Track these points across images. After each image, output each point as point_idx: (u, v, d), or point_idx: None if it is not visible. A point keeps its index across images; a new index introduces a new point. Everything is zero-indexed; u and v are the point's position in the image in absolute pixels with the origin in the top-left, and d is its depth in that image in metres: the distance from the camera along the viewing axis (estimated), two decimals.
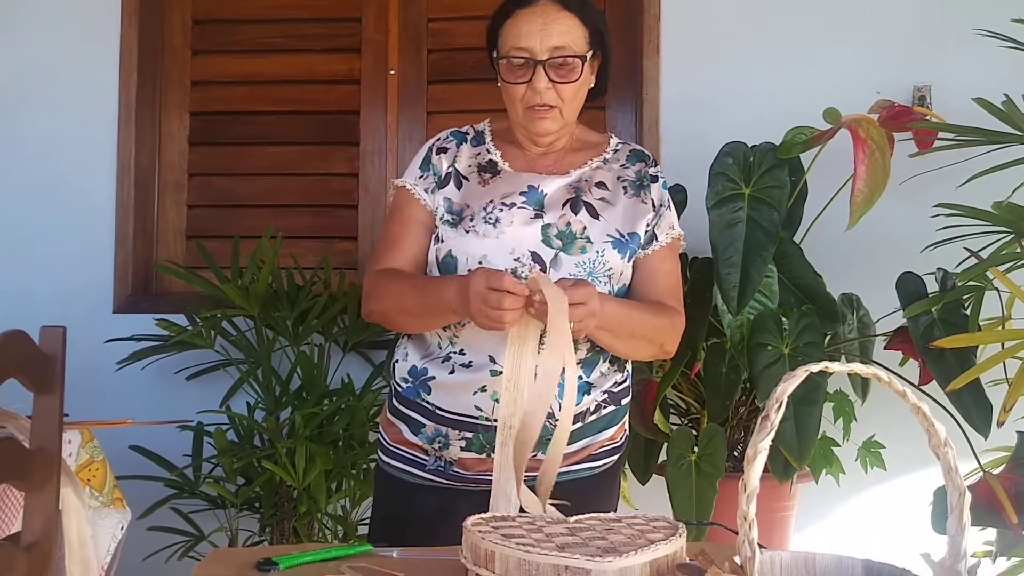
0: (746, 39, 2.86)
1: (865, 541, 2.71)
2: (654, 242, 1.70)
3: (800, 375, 0.90)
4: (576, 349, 1.52)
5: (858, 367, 0.94)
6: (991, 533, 2.21)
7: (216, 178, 3.15)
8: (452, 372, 1.64)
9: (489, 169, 1.72)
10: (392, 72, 3.07)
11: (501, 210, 1.64)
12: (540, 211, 1.65)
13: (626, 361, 1.75)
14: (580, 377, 1.63)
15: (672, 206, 1.75)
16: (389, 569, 1.27)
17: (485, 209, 1.65)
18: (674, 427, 2.35)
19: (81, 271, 3.03)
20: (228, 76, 3.15)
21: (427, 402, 1.67)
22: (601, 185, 1.70)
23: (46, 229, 3.05)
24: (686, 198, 2.50)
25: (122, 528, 2.00)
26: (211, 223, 3.13)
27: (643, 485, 2.51)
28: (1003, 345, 2.09)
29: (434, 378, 1.66)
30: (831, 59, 2.82)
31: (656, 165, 1.77)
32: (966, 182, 2.20)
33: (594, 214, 1.66)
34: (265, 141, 3.13)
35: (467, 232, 1.64)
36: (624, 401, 1.75)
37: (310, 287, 2.74)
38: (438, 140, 1.78)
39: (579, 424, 1.65)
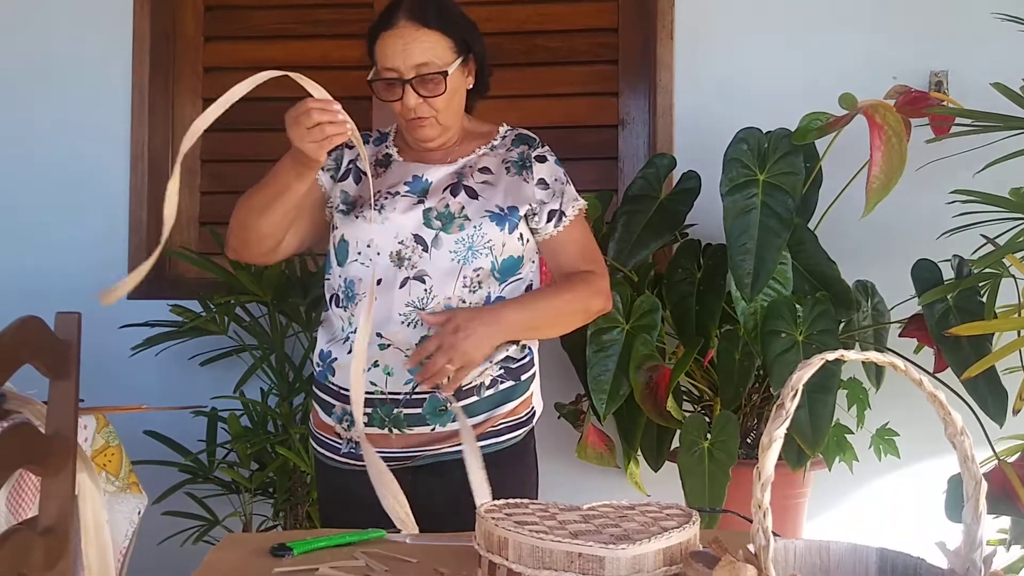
0: (760, 24, 2.84)
1: (879, 529, 2.71)
2: (563, 218, 1.80)
3: (816, 363, 0.89)
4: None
5: (874, 355, 0.93)
6: (1006, 521, 2.21)
7: (229, 164, 3.15)
8: (349, 352, 1.73)
9: (384, 163, 1.85)
10: None
11: (387, 198, 1.76)
12: (423, 197, 1.76)
13: None
14: None
15: (570, 181, 1.84)
16: (402, 554, 1.27)
17: (375, 199, 1.77)
18: (687, 414, 2.35)
19: (95, 257, 3.04)
20: (241, 62, 3.14)
21: (332, 383, 1.78)
22: (485, 170, 1.80)
23: (60, 216, 3.06)
24: (700, 184, 2.49)
25: (139, 513, 2.02)
26: (224, 209, 3.09)
27: (656, 472, 2.51)
28: (1019, 333, 2.08)
29: (336, 359, 1.77)
30: (847, 44, 2.79)
31: (543, 147, 1.85)
32: (983, 168, 2.18)
33: (473, 195, 1.76)
34: (278, 128, 3.10)
35: (356, 219, 1.77)
36: (524, 377, 1.80)
37: (322, 273, 2.74)
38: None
39: (474, 398, 1.73)
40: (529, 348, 1.82)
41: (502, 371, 1.77)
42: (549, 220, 1.79)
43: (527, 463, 1.84)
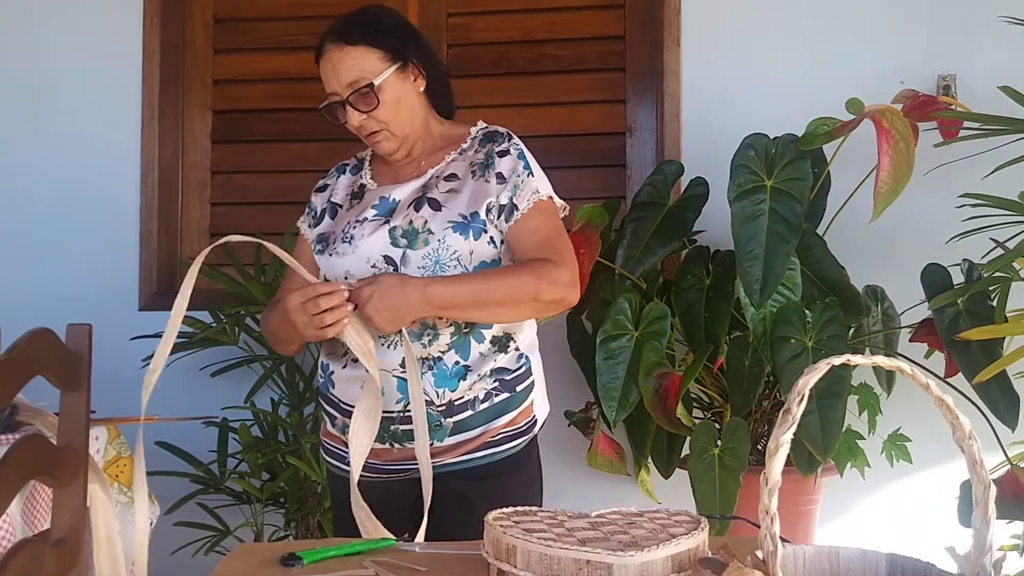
0: (767, 30, 2.85)
1: (890, 535, 2.69)
2: (515, 212, 1.74)
3: (822, 368, 0.89)
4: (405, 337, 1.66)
5: (881, 360, 0.93)
6: (1018, 527, 2.19)
7: (239, 176, 3.17)
8: (345, 367, 1.76)
9: (358, 194, 1.86)
10: None
11: (355, 227, 1.76)
12: (389, 217, 1.75)
13: (510, 343, 1.77)
14: (457, 362, 1.71)
15: (535, 172, 1.77)
16: (411, 563, 1.27)
17: (343, 231, 1.78)
18: (697, 421, 2.35)
19: (106, 269, 3.06)
20: (249, 74, 3.16)
21: (333, 395, 1.79)
22: (451, 177, 1.77)
23: (72, 228, 3.08)
24: (708, 191, 2.49)
25: (151, 523, 2.02)
26: (234, 220, 3.15)
27: (666, 479, 2.51)
28: None
29: (333, 372, 1.79)
30: (853, 49, 2.79)
31: (509, 140, 1.80)
32: (992, 172, 2.17)
33: (436, 207, 1.73)
34: (287, 138, 3.14)
35: (331, 256, 1.78)
36: (520, 388, 1.77)
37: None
38: (320, 180, 1.96)
39: (468, 412, 1.71)
40: (526, 357, 1.79)
41: (496, 383, 1.74)
42: (501, 215, 1.74)
43: (529, 471, 1.82)
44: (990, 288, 2.21)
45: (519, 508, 1.22)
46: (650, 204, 2.50)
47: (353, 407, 1.71)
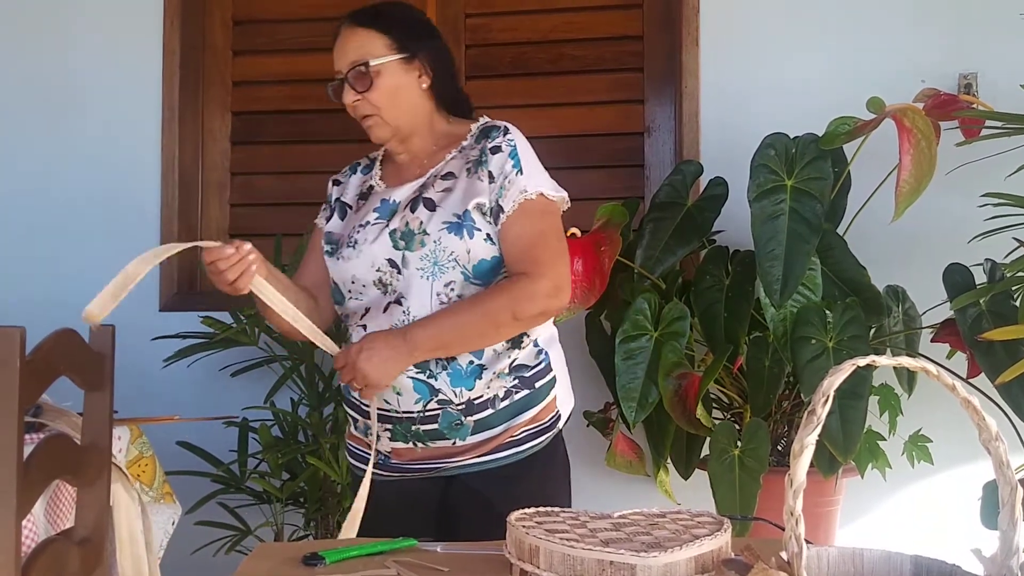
0: (786, 29, 2.83)
1: (912, 536, 2.68)
2: (501, 214, 1.72)
3: (847, 369, 0.89)
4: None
5: (906, 361, 0.93)
6: None
7: (258, 177, 3.19)
8: None
9: (366, 195, 1.87)
10: None
11: (358, 231, 1.77)
12: (389, 220, 1.76)
13: (524, 339, 1.76)
14: (471, 361, 1.70)
15: (524, 169, 1.73)
16: (433, 563, 1.28)
17: (349, 236, 1.80)
18: (717, 421, 2.34)
19: None
20: (268, 75, 3.17)
21: (354, 398, 1.80)
22: (448, 176, 1.77)
23: (93, 229, 3.11)
24: (727, 191, 2.48)
25: (173, 523, 2.04)
26: (253, 221, 3.16)
27: (685, 480, 2.50)
28: None
29: None
30: (874, 48, 2.78)
31: (504, 135, 1.76)
32: (1015, 171, 2.16)
33: (431, 207, 1.73)
34: (305, 139, 3.15)
35: (338, 260, 1.80)
36: (540, 384, 1.77)
37: None
38: (338, 174, 1.97)
39: (489, 411, 1.71)
40: (545, 352, 1.79)
41: (516, 381, 1.74)
42: (489, 216, 1.72)
43: (556, 467, 1.81)
44: (1013, 288, 2.19)
45: (541, 508, 1.23)
46: (669, 204, 2.50)
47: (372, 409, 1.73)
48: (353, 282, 1.76)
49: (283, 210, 3.13)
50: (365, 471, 1.79)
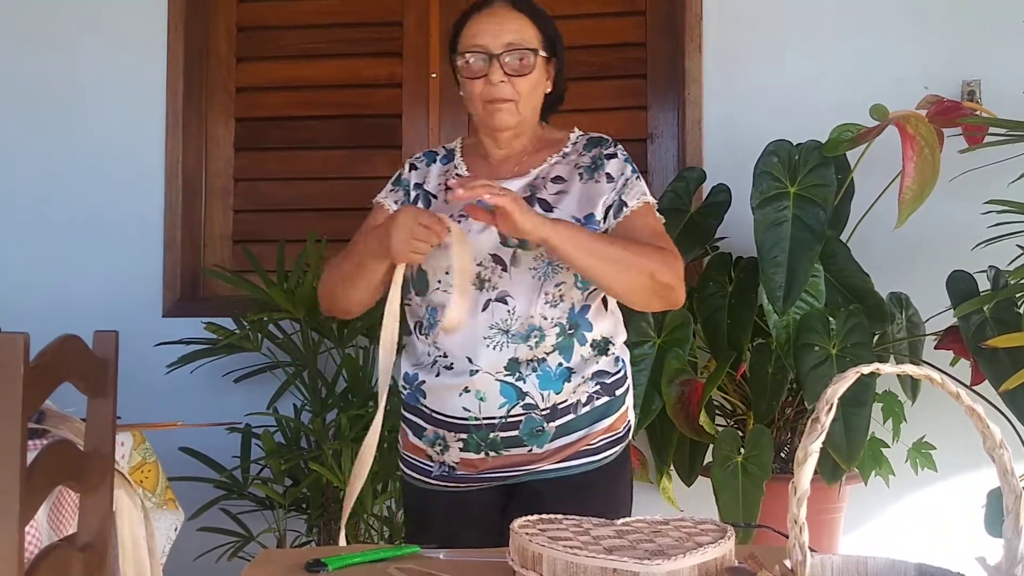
0: (789, 36, 2.84)
1: (915, 544, 2.67)
2: (624, 208, 1.72)
3: (851, 377, 0.89)
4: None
5: (910, 368, 0.93)
6: None
7: (261, 183, 3.19)
8: (438, 375, 1.71)
9: None
10: (434, 75, 3.08)
11: (459, 221, 1.69)
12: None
13: (609, 346, 1.74)
14: (560, 363, 1.68)
15: (640, 178, 1.77)
16: (436, 570, 1.27)
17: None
18: (720, 428, 2.34)
19: (131, 276, 3.08)
20: (271, 82, 3.18)
21: (424, 406, 1.75)
22: (557, 179, 1.75)
23: (97, 235, 3.11)
24: (730, 197, 2.48)
25: (175, 529, 2.03)
26: (257, 227, 3.17)
27: (688, 487, 2.50)
28: None
29: (424, 382, 1.74)
30: (877, 55, 2.78)
31: (615, 145, 1.80)
32: (1018, 178, 2.16)
33: (547, 208, 1.71)
34: (309, 146, 3.16)
35: (432, 248, 1.68)
36: (619, 391, 1.76)
37: None
38: (412, 158, 1.90)
39: (571, 416, 1.69)
40: (622, 361, 1.77)
41: (597, 387, 1.72)
42: (609, 212, 1.72)
43: (624, 483, 1.79)
44: (1017, 295, 2.19)
45: (544, 516, 1.22)
46: (672, 211, 2.50)
47: (448, 417, 1.69)
48: (447, 272, 1.69)
49: (287, 216, 3.14)
50: (423, 481, 1.76)
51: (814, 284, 2.27)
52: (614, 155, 1.77)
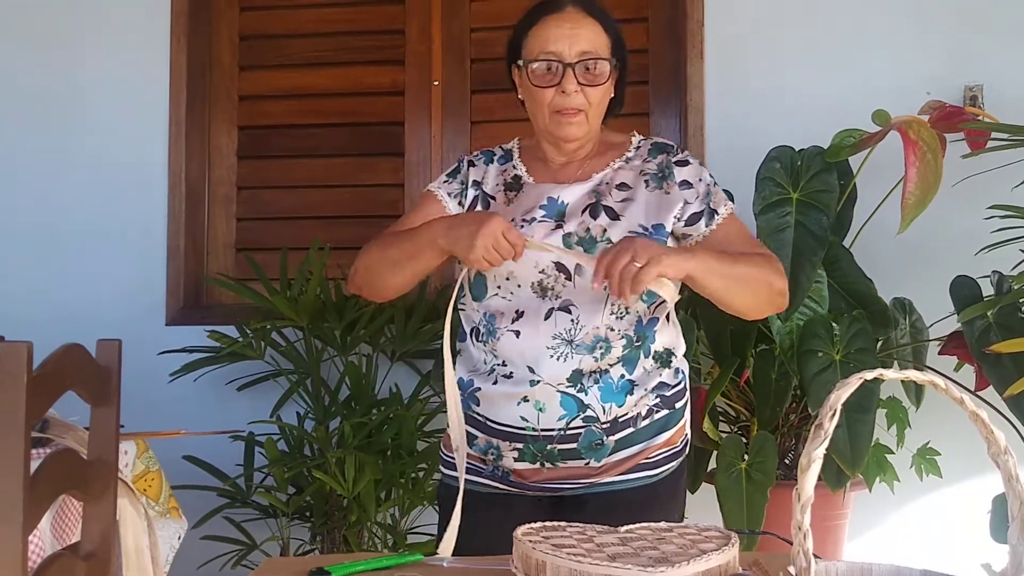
0: (791, 42, 2.84)
1: (920, 550, 2.66)
2: (716, 216, 1.68)
3: (854, 383, 0.89)
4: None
5: (914, 374, 0.92)
6: None
7: (264, 191, 3.20)
8: (496, 383, 1.66)
9: (514, 186, 1.76)
10: (436, 83, 3.09)
11: (523, 226, 1.65)
12: (561, 221, 1.67)
13: (671, 358, 1.71)
14: (623, 376, 1.64)
15: (717, 185, 1.73)
16: None
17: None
18: (723, 435, 2.33)
19: (134, 285, 3.09)
20: (274, 90, 3.19)
21: (478, 414, 1.69)
22: (622, 186, 1.71)
23: (100, 243, 3.12)
24: (733, 203, 2.48)
25: (179, 538, 2.03)
26: (260, 235, 3.17)
27: (692, 494, 2.48)
28: None
29: (480, 389, 1.68)
30: (879, 60, 2.78)
31: (683, 152, 1.75)
32: (1021, 183, 2.15)
33: (614, 216, 1.66)
34: (311, 154, 3.17)
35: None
36: (678, 404, 1.72)
37: (357, 298, 2.76)
38: (471, 155, 1.85)
39: (631, 429, 1.65)
40: (683, 373, 1.74)
41: (658, 399, 1.67)
42: (698, 220, 1.67)
43: (679, 498, 1.75)
44: (1021, 300, 2.18)
45: (548, 523, 1.22)
46: None
47: (503, 426, 1.64)
48: (508, 278, 1.65)
49: (290, 224, 3.15)
50: (478, 483, 1.70)
51: (817, 290, 2.27)
52: (686, 162, 1.72)
